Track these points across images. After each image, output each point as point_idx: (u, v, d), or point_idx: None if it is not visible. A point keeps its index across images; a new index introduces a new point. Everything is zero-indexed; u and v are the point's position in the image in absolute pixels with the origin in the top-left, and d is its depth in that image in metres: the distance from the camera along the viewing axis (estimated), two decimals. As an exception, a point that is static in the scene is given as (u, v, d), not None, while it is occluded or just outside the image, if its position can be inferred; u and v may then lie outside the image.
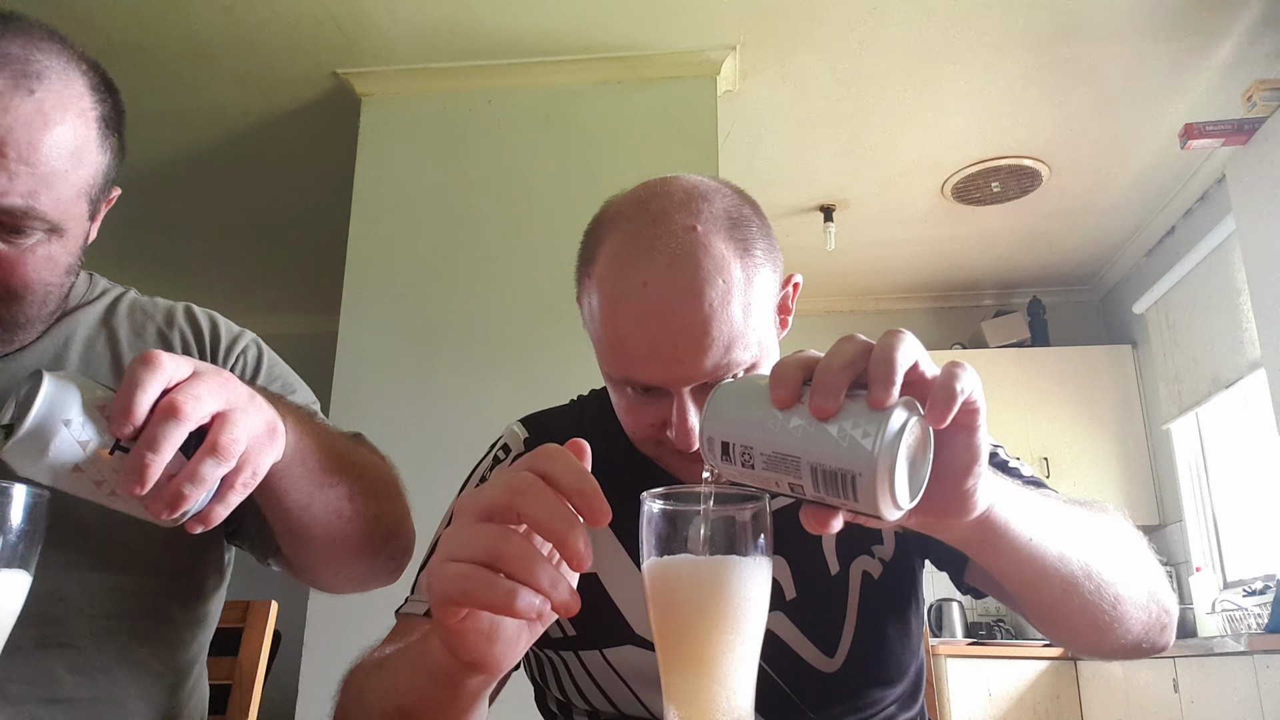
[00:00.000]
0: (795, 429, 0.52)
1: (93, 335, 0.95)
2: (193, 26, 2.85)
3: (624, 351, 0.80)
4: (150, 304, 1.02)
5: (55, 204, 0.81)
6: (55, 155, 0.79)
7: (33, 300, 0.85)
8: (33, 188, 0.78)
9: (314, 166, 3.57)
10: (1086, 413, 4.34)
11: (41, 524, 0.58)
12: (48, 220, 0.81)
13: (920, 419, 0.52)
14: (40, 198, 0.79)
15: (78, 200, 0.84)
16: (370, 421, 2.74)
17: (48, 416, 0.62)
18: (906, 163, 3.60)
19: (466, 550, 0.53)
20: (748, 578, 0.54)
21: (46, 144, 0.78)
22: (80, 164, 0.82)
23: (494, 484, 0.55)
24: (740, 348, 0.78)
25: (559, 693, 0.94)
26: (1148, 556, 0.78)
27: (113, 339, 0.96)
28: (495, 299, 2.81)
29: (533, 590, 0.52)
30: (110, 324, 0.97)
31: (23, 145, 0.76)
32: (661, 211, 0.80)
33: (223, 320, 1.04)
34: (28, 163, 0.77)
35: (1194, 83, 3.08)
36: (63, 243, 0.84)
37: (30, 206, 0.78)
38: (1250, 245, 3.18)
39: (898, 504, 0.51)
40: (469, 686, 0.61)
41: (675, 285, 0.76)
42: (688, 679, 0.55)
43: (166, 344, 0.98)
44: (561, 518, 0.53)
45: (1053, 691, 3.69)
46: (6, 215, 0.78)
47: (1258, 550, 3.64)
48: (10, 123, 0.76)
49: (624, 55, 2.94)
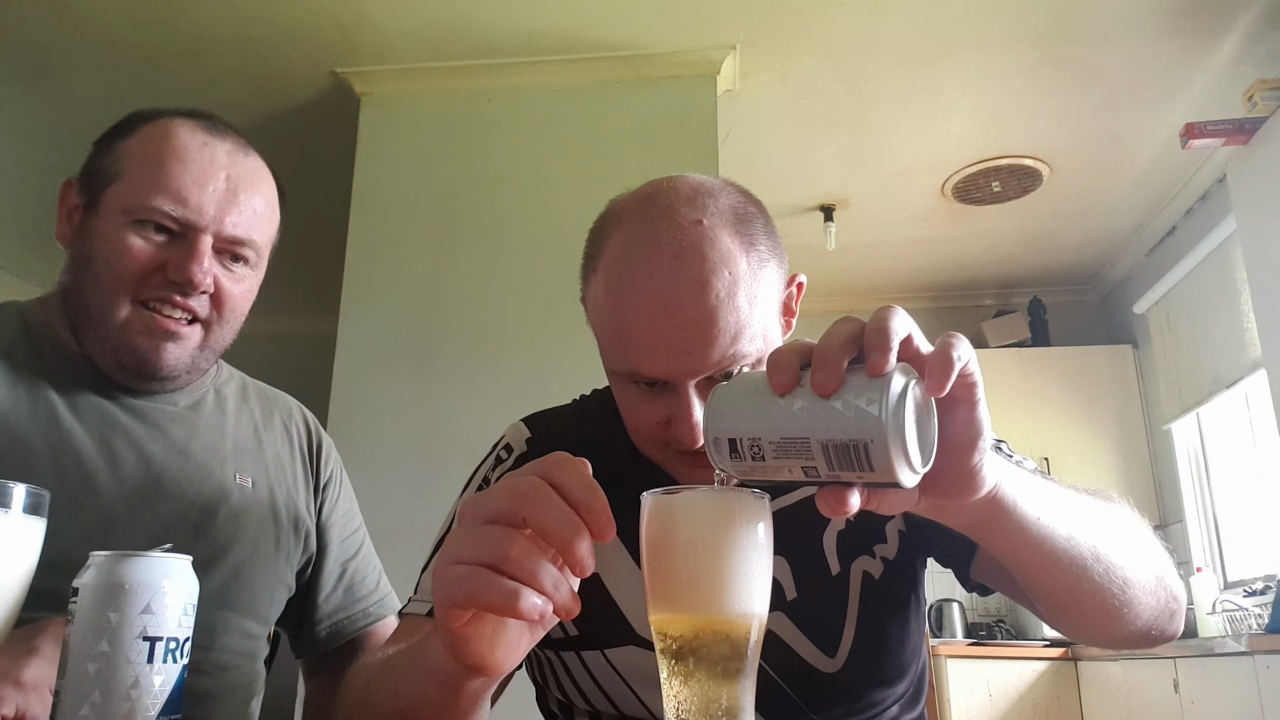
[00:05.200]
0: (800, 411, 0.52)
1: (239, 408, 1.13)
2: (192, 26, 2.85)
3: (629, 344, 0.80)
4: (270, 392, 1.21)
5: (262, 241, 1.02)
6: (264, 203, 1.02)
7: (230, 328, 1.02)
8: (252, 223, 0.99)
9: (313, 166, 3.56)
10: (1087, 413, 4.34)
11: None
12: (258, 253, 1.02)
13: (920, 383, 0.53)
14: (255, 232, 1.00)
15: (268, 246, 1.04)
16: (370, 421, 2.75)
17: (163, 572, 0.62)
18: (906, 163, 3.60)
19: (471, 553, 0.53)
20: (748, 508, 0.56)
21: (261, 193, 1.02)
22: (273, 217, 1.05)
23: (501, 489, 0.55)
24: (746, 339, 0.78)
25: (560, 693, 0.94)
26: (1154, 543, 0.79)
27: (252, 417, 1.14)
28: (495, 299, 2.81)
29: (535, 592, 0.52)
30: (249, 404, 1.15)
31: (248, 190, 0.99)
32: (667, 206, 0.80)
33: (318, 425, 1.22)
34: (251, 205, 0.99)
35: (1194, 82, 3.07)
36: (255, 280, 1.04)
37: (250, 238, 0.99)
38: (1251, 245, 3.17)
39: (913, 466, 0.52)
40: (470, 689, 0.61)
41: (681, 276, 0.76)
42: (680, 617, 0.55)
43: (288, 437, 1.16)
44: (568, 524, 0.53)
45: (1053, 691, 3.69)
46: (235, 244, 0.98)
47: (1258, 550, 3.64)
48: (240, 172, 0.99)
49: (624, 55, 2.94)
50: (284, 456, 1.14)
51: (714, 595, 0.55)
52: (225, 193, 0.97)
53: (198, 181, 0.95)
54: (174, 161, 0.95)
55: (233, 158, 0.99)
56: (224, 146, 0.99)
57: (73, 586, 0.60)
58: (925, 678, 0.96)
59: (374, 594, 1.19)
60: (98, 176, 0.98)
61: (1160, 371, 4.15)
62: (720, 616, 0.54)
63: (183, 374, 1.01)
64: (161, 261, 0.94)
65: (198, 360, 1.01)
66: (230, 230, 0.97)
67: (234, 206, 0.97)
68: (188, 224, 0.95)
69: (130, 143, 0.98)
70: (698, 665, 0.54)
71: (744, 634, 0.55)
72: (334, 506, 1.18)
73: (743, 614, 0.55)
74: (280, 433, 1.16)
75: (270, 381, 1.23)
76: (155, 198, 0.94)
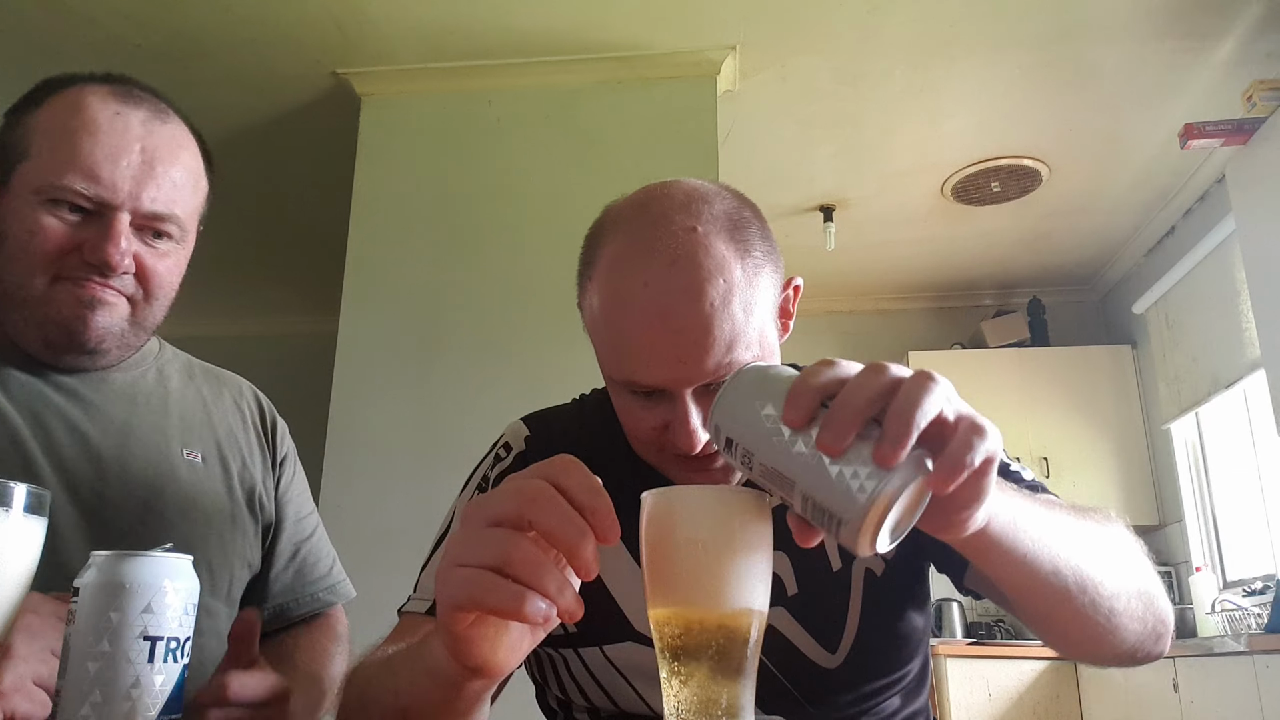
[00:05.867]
0: (798, 455, 0.51)
1: (183, 386, 1.09)
2: (192, 26, 2.85)
3: (626, 353, 0.80)
4: (217, 371, 1.17)
5: (186, 214, 0.97)
6: (186, 173, 0.96)
7: (159, 304, 0.98)
8: (173, 197, 0.94)
9: (314, 166, 3.57)
10: (1086, 413, 4.34)
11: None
12: (181, 228, 0.96)
13: (923, 479, 0.50)
14: (177, 206, 0.95)
15: (194, 217, 1.00)
16: (370, 421, 2.75)
17: (164, 571, 0.63)
18: (906, 163, 3.60)
19: (475, 555, 0.53)
20: (748, 506, 0.56)
21: (181, 163, 0.96)
22: (198, 186, 0.99)
23: (505, 491, 0.55)
24: (742, 346, 0.78)
25: (559, 690, 0.94)
26: (1145, 566, 0.78)
27: (199, 394, 1.11)
28: (495, 299, 2.81)
29: (540, 595, 0.52)
30: (195, 381, 1.12)
31: (166, 161, 0.94)
32: (662, 213, 0.80)
33: (272, 406, 1.19)
34: (170, 176, 0.94)
35: (1194, 83, 3.08)
36: (183, 254, 0.99)
37: (171, 213, 0.94)
38: (1250, 245, 3.18)
39: (875, 550, 0.52)
40: (470, 689, 0.61)
41: (676, 285, 0.76)
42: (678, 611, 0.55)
43: (239, 413, 1.13)
44: (573, 527, 0.52)
45: (1053, 691, 3.69)
46: (155, 219, 0.93)
47: (1258, 550, 3.64)
48: (156, 143, 0.94)
49: (624, 55, 2.94)
50: (236, 430, 1.11)
51: (714, 593, 0.55)
52: (140, 166, 0.91)
53: (110, 156, 0.90)
54: (84, 136, 0.90)
55: (148, 127, 0.94)
56: (138, 115, 0.94)
57: (73, 586, 0.60)
58: (929, 667, 0.97)
59: (325, 579, 1.15)
60: (6, 153, 0.93)
61: (1159, 371, 4.16)
62: (720, 614, 0.54)
63: (113, 347, 0.96)
64: (77, 242, 0.90)
65: (128, 335, 0.96)
66: (148, 206, 0.92)
67: (150, 181, 0.92)
68: (102, 202, 0.90)
69: (39, 116, 0.93)
70: (697, 664, 0.54)
71: (744, 632, 0.55)
72: (290, 484, 1.15)
73: (743, 611, 0.55)
74: (231, 408, 1.12)
75: (270, 381, 1.22)
76: (66, 176, 0.89)
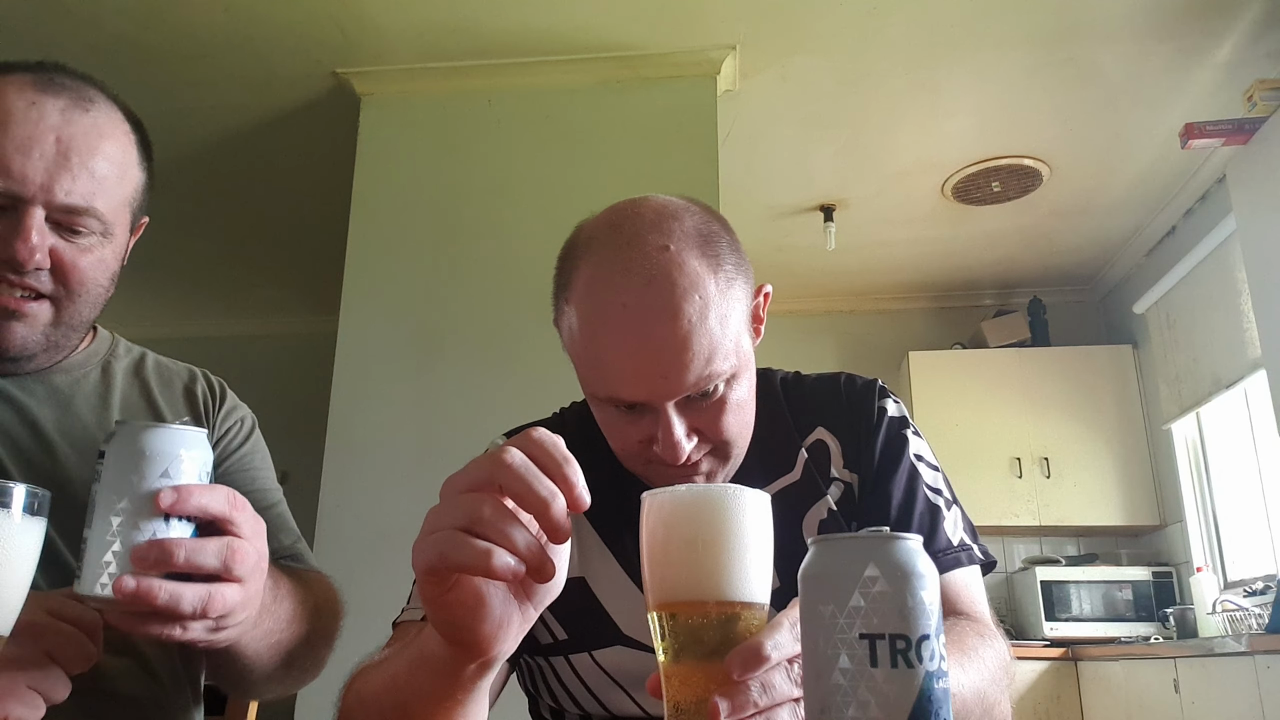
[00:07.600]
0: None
1: (129, 384, 1.07)
2: (192, 26, 2.85)
3: (607, 372, 0.83)
4: (171, 363, 1.15)
5: (109, 208, 0.92)
6: (109, 165, 0.92)
7: (85, 301, 0.94)
8: (92, 189, 0.90)
9: (313, 166, 3.57)
10: (1087, 413, 4.34)
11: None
12: (103, 221, 0.92)
13: None
14: (97, 200, 0.91)
15: (123, 209, 0.95)
16: (370, 421, 2.75)
17: (180, 442, 0.68)
18: (906, 163, 3.60)
19: (446, 519, 0.56)
20: (748, 505, 0.57)
21: (102, 153, 0.91)
22: (125, 177, 0.95)
23: (477, 461, 0.57)
24: (720, 358, 0.81)
25: (551, 699, 0.95)
26: (1007, 671, 0.82)
27: (145, 389, 1.08)
28: (495, 298, 2.81)
29: (508, 551, 0.54)
30: (142, 376, 1.09)
31: (85, 152, 0.90)
32: (635, 234, 0.83)
33: (230, 391, 1.16)
34: (88, 168, 0.90)
35: (1194, 82, 3.08)
36: (111, 248, 0.95)
37: (90, 206, 0.90)
38: (1251, 245, 3.18)
39: None
40: (465, 675, 0.62)
41: (653, 305, 0.79)
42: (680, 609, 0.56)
43: (191, 399, 1.11)
44: (544, 489, 0.55)
45: (1053, 691, 3.69)
46: (71, 213, 0.89)
47: (1258, 550, 3.64)
48: (74, 133, 0.89)
49: (624, 55, 2.94)
50: (181, 415, 1.09)
51: (714, 589, 0.55)
52: (55, 157, 0.88)
53: (21, 147, 0.86)
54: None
55: (66, 116, 0.89)
56: (56, 105, 0.89)
57: (99, 450, 0.67)
58: None
59: (284, 551, 1.11)
60: None
61: (1160, 371, 4.16)
62: (720, 610, 0.55)
63: (39, 353, 0.95)
64: None
65: (54, 338, 0.94)
66: (63, 199, 0.88)
67: (65, 172, 0.88)
68: (12, 196, 0.86)
69: None
70: (697, 660, 0.55)
71: (744, 630, 0.55)
72: (235, 456, 1.11)
73: (743, 605, 0.55)
74: (181, 397, 1.10)
75: (270, 381, 1.22)
76: None
